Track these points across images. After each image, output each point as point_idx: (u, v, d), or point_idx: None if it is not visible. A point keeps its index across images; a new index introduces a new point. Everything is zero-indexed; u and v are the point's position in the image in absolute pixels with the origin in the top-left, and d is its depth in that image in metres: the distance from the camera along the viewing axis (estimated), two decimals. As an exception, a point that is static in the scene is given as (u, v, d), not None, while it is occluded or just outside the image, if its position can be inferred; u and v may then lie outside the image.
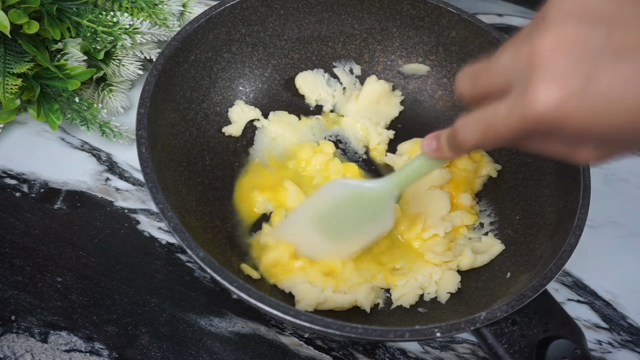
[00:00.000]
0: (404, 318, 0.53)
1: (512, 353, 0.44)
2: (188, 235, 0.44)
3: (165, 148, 0.54)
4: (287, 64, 0.67)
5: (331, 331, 0.42)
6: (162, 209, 0.45)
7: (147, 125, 0.50)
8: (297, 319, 0.42)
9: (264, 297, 0.42)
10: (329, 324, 0.42)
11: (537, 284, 0.46)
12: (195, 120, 0.60)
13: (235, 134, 0.63)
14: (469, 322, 0.43)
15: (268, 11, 0.63)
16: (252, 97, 0.66)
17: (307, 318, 0.42)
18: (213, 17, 0.59)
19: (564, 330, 0.46)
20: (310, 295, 0.51)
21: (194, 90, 0.60)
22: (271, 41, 0.65)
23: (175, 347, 0.53)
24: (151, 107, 0.51)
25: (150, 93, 0.52)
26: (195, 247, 0.44)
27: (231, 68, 0.64)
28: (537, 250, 0.53)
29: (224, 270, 0.43)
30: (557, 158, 0.37)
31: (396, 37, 0.67)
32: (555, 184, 0.56)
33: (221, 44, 0.61)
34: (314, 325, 0.42)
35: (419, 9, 0.64)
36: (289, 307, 0.42)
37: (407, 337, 0.42)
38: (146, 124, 0.50)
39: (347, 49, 0.68)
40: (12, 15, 0.57)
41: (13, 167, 0.62)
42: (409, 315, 0.53)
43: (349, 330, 0.42)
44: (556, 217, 0.53)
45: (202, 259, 0.44)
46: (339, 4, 0.65)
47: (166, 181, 0.51)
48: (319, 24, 0.66)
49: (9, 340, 0.52)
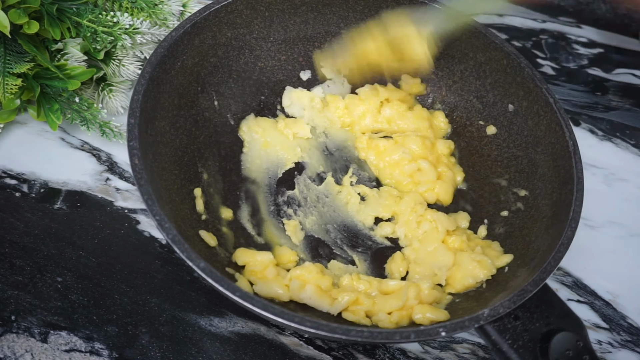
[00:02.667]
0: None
1: (516, 348, 0.45)
2: (187, 246, 0.44)
3: (156, 157, 0.54)
4: (274, 65, 0.67)
5: (337, 336, 0.42)
6: (160, 220, 0.45)
7: (138, 135, 0.49)
8: (302, 325, 0.42)
9: (267, 305, 0.43)
10: (334, 329, 0.42)
11: (537, 278, 0.46)
12: (184, 127, 0.60)
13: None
14: (472, 319, 0.44)
15: (253, 14, 0.63)
16: (240, 101, 0.65)
17: (312, 324, 0.42)
18: (198, 22, 0.59)
19: (566, 323, 0.46)
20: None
21: (182, 97, 0.60)
22: (257, 44, 0.65)
23: (175, 347, 0.53)
24: (141, 116, 0.51)
25: (139, 103, 0.51)
26: (196, 258, 0.44)
27: (218, 72, 0.63)
28: (533, 244, 0.53)
29: (226, 280, 0.43)
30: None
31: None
32: (547, 176, 0.56)
33: (207, 48, 0.61)
34: (320, 331, 0.42)
35: (403, 7, 0.64)
36: (294, 314, 0.42)
37: (413, 338, 0.42)
38: (137, 134, 0.49)
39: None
40: (12, 15, 0.57)
41: (13, 167, 0.62)
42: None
43: (355, 334, 0.42)
44: (550, 210, 0.54)
45: (203, 270, 0.43)
46: (323, 4, 0.65)
47: (160, 191, 0.51)
48: (304, 24, 0.66)
49: (9, 340, 0.52)
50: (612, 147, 0.73)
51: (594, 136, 0.74)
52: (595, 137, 0.74)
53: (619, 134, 0.74)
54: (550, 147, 0.56)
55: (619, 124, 0.75)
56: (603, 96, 0.78)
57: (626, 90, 0.79)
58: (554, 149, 0.56)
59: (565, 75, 0.80)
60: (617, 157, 0.72)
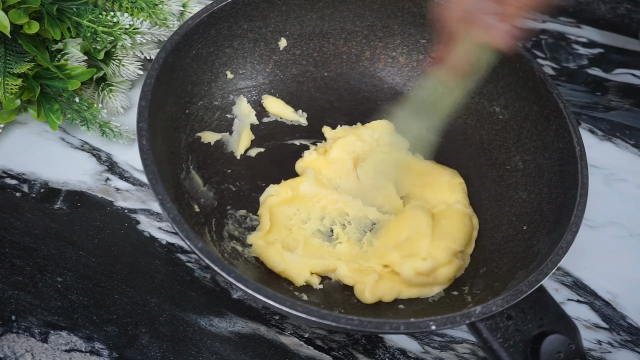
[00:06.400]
0: (414, 314, 0.53)
1: (506, 347, 0.44)
2: (187, 226, 0.44)
3: (166, 141, 0.55)
4: (288, 59, 0.67)
5: (327, 322, 0.42)
6: (162, 200, 0.45)
7: (148, 118, 0.50)
8: (293, 310, 0.42)
9: (260, 287, 0.42)
10: (325, 315, 0.42)
11: (532, 279, 0.46)
12: (197, 114, 0.61)
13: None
14: (464, 315, 0.44)
15: (270, 7, 0.63)
16: (255, 93, 0.66)
17: (303, 309, 0.42)
18: (215, 12, 0.59)
19: (559, 325, 0.46)
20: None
21: (196, 85, 0.60)
22: (273, 37, 0.65)
23: (175, 347, 0.53)
24: (152, 100, 0.51)
25: (151, 86, 0.52)
26: (194, 237, 0.44)
27: (233, 63, 0.64)
28: (534, 247, 0.53)
29: (221, 260, 0.43)
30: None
31: (397, 34, 0.67)
32: (553, 181, 0.56)
33: (223, 39, 0.62)
34: (310, 317, 0.42)
35: (420, 6, 0.64)
36: (286, 299, 0.42)
37: (402, 330, 0.42)
38: (147, 116, 0.50)
39: (349, 45, 0.68)
40: (13, 16, 0.57)
41: (13, 167, 0.62)
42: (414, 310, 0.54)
43: (344, 322, 0.42)
44: (554, 214, 0.54)
45: (201, 250, 0.44)
46: (340, 1, 0.65)
47: (166, 174, 0.51)
48: (320, 20, 0.66)
49: (9, 340, 0.52)
50: (612, 147, 0.73)
51: (594, 136, 0.74)
52: (595, 137, 0.74)
53: (619, 134, 0.74)
54: (558, 153, 0.56)
55: (619, 124, 0.75)
56: (603, 96, 0.78)
57: (626, 90, 0.79)
58: (562, 154, 0.56)
59: (565, 75, 0.80)
60: (617, 157, 0.72)
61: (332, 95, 0.68)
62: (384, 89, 0.69)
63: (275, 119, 0.66)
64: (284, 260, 0.54)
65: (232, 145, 0.63)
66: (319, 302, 0.53)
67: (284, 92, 0.67)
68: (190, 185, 0.57)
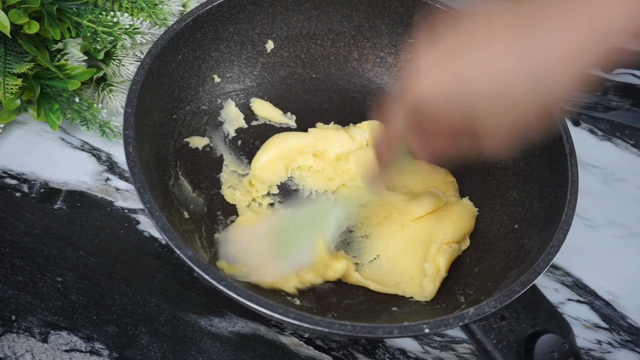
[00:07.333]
0: (407, 317, 0.53)
1: (500, 348, 0.44)
2: (176, 234, 0.44)
3: (153, 148, 0.54)
4: (276, 62, 0.67)
5: (320, 329, 0.41)
6: (150, 208, 0.45)
7: (134, 125, 0.50)
8: (286, 317, 0.42)
9: (252, 295, 0.42)
10: (317, 321, 0.42)
11: (525, 279, 0.46)
12: (184, 120, 0.60)
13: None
14: (457, 318, 0.43)
15: (256, 9, 0.63)
16: (243, 96, 0.66)
17: (295, 316, 0.42)
18: (200, 15, 0.58)
19: (552, 324, 0.46)
20: None
21: (183, 90, 0.60)
22: (260, 39, 0.65)
23: (175, 347, 0.53)
24: (138, 106, 0.51)
25: (137, 93, 0.51)
26: (184, 246, 0.44)
27: (220, 67, 0.63)
28: (526, 246, 0.53)
29: (212, 269, 0.43)
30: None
31: (385, 35, 0.67)
32: (543, 179, 0.56)
33: (209, 42, 0.61)
34: (303, 323, 0.41)
35: (407, 6, 0.64)
36: (278, 305, 0.42)
37: (396, 334, 0.42)
38: (133, 123, 0.49)
39: (336, 46, 0.68)
40: (13, 16, 0.57)
41: (13, 167, 0.62)
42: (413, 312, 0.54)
43: (337, 327, 0.41)
44: (545, 212, 0.54)
45: (190, 258, 0.43)
46: (327, 2, 0.65)
47: (154, 181, 0.51)
48: (307, 21, 0.66)
49: (9, 340, 0.52)
50: (612, 147, 0.73)
51: (594, 136, 0.74)
52: (595, 137, 0.74)
53: (618, 134, 0.74)
54: (548, 151, 0.56)
55: (619, 124, 0.75)
56: (603, 96, 0.78)
57: (626, 90, 0.79)
58: (551, 152, 0.56)
59: (565, 75, 0.80)
60: (617, 157, 0.72)
61: (320, 96, 0.68)
62: (372, 90, 0.69)
63: (264, 122, 0.66)
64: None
65: (221, 149, 0.63)
66: (312, 307, 0.53)
67: (272, 94, 0.67)
68: (179, 191, 0.57)
